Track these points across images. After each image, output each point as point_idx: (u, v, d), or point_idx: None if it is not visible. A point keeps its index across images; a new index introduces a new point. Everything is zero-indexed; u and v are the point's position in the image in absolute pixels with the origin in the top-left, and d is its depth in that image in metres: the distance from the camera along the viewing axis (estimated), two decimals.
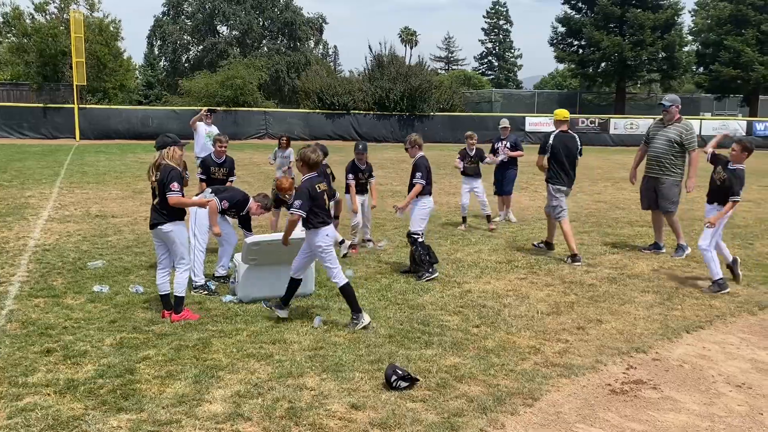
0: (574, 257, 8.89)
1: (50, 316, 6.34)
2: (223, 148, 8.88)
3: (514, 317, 6.55)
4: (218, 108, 13.54)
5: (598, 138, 36.81)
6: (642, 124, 37.54)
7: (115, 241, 9.93)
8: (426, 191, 8.15)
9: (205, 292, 7.17)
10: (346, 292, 6.17)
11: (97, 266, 8.34)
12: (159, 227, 6.25)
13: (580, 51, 46.50)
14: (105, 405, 4.47)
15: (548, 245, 9.63)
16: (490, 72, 74.74)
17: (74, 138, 32.29)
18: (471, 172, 11.46)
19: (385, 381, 4.88)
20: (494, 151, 12.17)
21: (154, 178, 6.26)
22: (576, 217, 12.48)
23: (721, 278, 7.54)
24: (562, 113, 9.41)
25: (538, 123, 37.38)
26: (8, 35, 38.54)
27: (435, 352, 5.58)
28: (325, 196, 6.23)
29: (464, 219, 11.58)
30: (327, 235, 6.16)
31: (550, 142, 9.18)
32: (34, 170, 18.92)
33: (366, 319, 6.10)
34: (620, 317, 6.65)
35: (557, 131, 9.26)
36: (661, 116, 9.52)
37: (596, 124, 37.67)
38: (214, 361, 5.33)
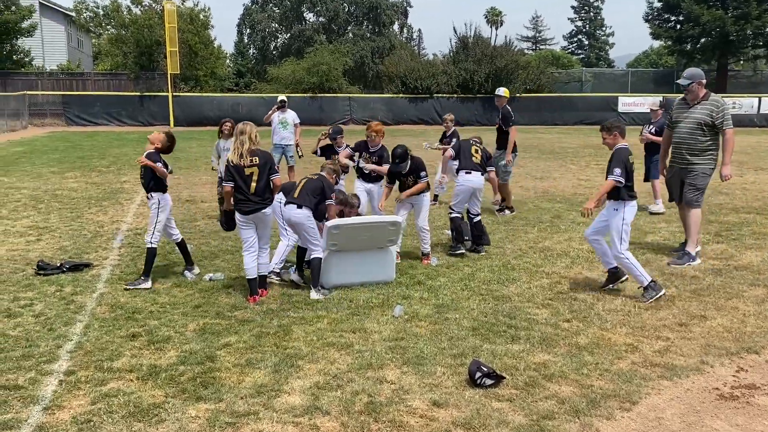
0: (511, 209, 10.74)
1: (138, 300, 6.46)
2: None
3: (609, 311, 6.12)
4: (286, 99, 13.61)
5: None
6: (745, 103, 35.13)
7: (203, 225, 10.11)
8: (462, 167, 8.37)
9: (278, 279, 7.10)
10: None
11: None
12: (262, 211, 6.44)
13: (678, 27, 43.98)
14: (185, 393, 4.46)
15: (511, 209, 10.80)
16: (579, 51, 72.05)
17: (169, 125, 33.52)
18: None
19: (468, 377, 4.63)
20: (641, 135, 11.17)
21: (249, 162, 6.32)
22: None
23: (653, 280, 6.45)
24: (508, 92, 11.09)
25: (632, 103, 35.66)
26: (108, 27, 40.44)
27: (522, 347, 5.27)
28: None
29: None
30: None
31: (514, 118, 10.63)
32: (131, 156, 19.69)
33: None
34: (727, 313, 6.09)
35: (510, 107, 10.67)
36: (683, 94, 7.92)
37: None
38: (294, 349, 5.24)
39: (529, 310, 6.16)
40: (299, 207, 6.61)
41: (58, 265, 7.55)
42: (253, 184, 6.33)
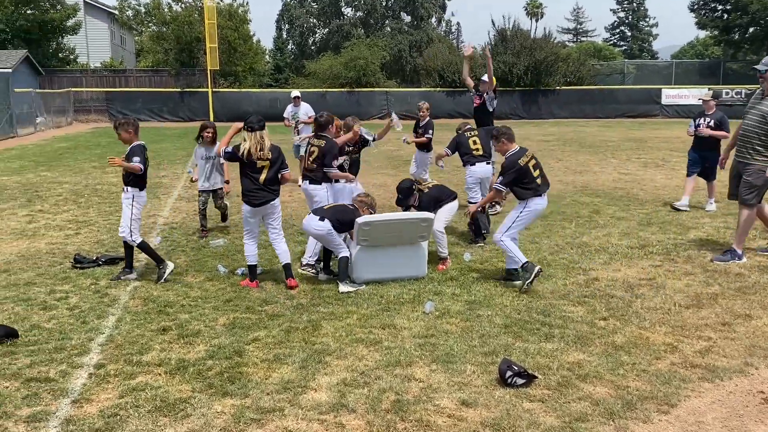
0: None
1: (170, 294, 6.49)
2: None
3: (648, 310, 5.91)
4: (299, 94, 14.30)
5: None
6: None
7: (237, 219, 10.09)
8: (465, 162, 8.79)
9: (313, 272, 7.07)
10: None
11: (219, 245, 8.53)
12: (271, 202, 6.66)
13: (725, 16, 42.70)
14: (211, 388, 4.44)
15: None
16: (622, 43, 70.44)
17: (209, 120, 33.93)
18: (424, 145, 10.86)
19: (499, 376, 4.50)
20: (696, 128, 10.39)
21: (263, 155, 6.54)
22: (719, 197, 11.30)
23: (526, 261, 6.45)
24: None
25: (676, 96, 34.76)
26: (149, 25, 41.13)
27: (556, 346, 5.11)
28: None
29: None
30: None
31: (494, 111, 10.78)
32: (170, 151, 19.98)
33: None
34: None
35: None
36: (760, 86, 7.50)
37: (743, 96, 34.36)
38: (323, 345, 5.18)
39: (564, 308, 5.99)
40: (321, 219, 6.64)
41: (94, 258, 7.65)
42: (263, 176, 6.56)
